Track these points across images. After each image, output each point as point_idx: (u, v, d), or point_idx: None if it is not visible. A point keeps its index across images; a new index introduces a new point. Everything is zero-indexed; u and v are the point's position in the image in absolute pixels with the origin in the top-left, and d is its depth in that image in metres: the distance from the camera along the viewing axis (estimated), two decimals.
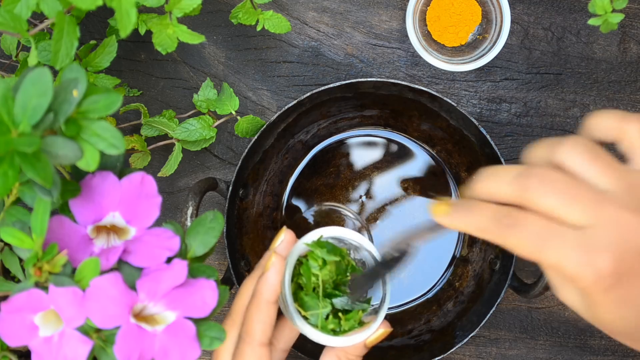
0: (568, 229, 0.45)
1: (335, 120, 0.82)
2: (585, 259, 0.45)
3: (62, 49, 0.57)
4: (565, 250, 0.45)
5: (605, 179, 0.46)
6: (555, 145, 0.47)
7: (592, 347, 0.84)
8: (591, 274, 0.45)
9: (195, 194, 0.69)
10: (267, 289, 0.59)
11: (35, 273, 0.49)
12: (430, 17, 0.80)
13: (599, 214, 0.45)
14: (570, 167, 0.46)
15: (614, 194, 0.46)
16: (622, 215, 0.45)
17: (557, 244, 0.45)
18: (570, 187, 0.46)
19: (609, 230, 0.45)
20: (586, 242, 0.45)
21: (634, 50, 0.82)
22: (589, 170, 0.46)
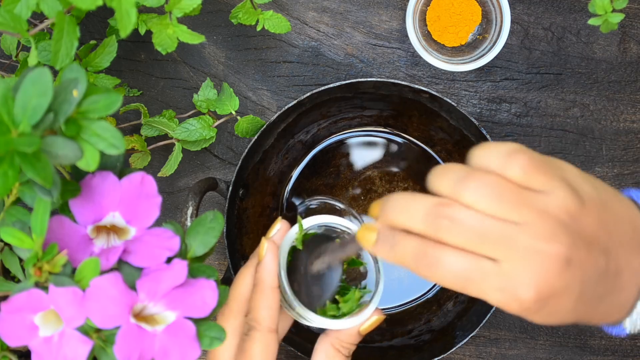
0: (487, 263, 0.47)
1: (335, 120, 0.82)
2: (508, 296, 0.47)
3: (62, 49, 0.57)
4: (487, 286, 0.47)
5: (515, 214, 0.47)
6: (461, 182, 0.48)
7: (592, 347, 0.84)
8: (516, 306, 0.47)
9: (195, 194, 0.69)
10: (268, 274, 0.60)
11: (35, 273, 0.49)
12: (430, 17, 0.80)
13: (512, 248, 0.46)
14: (480, 207, 0.47)
15: (525, 225, 0.47)
16: (535, 246, 0.46)
17: (478, 281, 0.47)
18: (480, 226, 0.47)
19: (525, 262, 0.46)
20: (505, 277, 0.47)
21: (634, 50, 0.82)
22: (497, 209, 0.47)
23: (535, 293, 0.47)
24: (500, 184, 0.47)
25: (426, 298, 0.83)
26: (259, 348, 0.59)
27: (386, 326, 0.83)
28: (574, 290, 0.48)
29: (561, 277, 0.47)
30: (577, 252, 0.47)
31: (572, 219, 0.48)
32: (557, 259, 0.47)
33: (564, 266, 0.47)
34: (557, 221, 0.47)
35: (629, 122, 0.82)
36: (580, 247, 0.47)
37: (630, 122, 0.82)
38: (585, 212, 0.48)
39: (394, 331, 0.82)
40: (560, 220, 0.47)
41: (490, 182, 0.47)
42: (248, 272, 0.62)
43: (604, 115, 0.83)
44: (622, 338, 0.83)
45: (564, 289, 0.47)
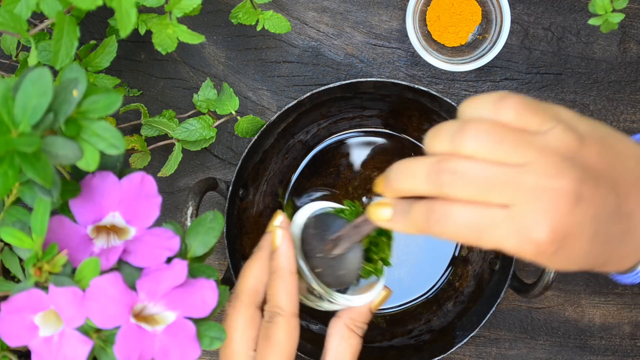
0: (496, 211, 0.46)
1: (335, 120, 0.82)
2: (522, 239, 0.46)
3: (62, 49, 0.57)
4: (501, 233, 0.46)
5: (517, 155, 0.46)
6: (457, 135, 0.47)
7: (592, 347, 0.84)
8: (532, 249, 0.46)
9: (195, 194, 0.69)
10: (286, 260, 0.60)
11: (35, 273, 0.49)
12: (430, 17, 0.80)
13: (519, 190, 0.46)
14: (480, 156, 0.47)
15: (529, 165, 0.46)
16: (543, 184, 0.45)
17: (490, 230, 0.46)
18: (484, 174, 0.46)
19: (535, 203, 0.45)
20: (517, 221, 0.46)
21: (634, 50, 0.82)
22: (498, 154, 0.46)
23: (549, 232, 0.45)
24: (496, 128, 0.47)
25: (426, 298, 0.83)
26: (284, 333, 0.59)
27: (386, 326, 0.83)
28: (588, 227, 0.46)
29: (573, 213, 0.46)
30: (586, 186, 0.46)
31: (575, 154, 0.47)
32: (567, 194, 0.45)
33: (574, 202, 0.45)
34: (560, 157, 0.46)
35: (629, 122, 0.82)
36: (588, 182, 0.46)
37: (630, 122, 0.82)
38: (586, 147, 0.47)
39: (394, 331, 0.82)
40: (563, 155, 0.46)
41: (486, 129, 0.47)
42: (255, 264, 0.62)
43: (604, 115, 0.83)
44: (621, 338, 0.83)
45: (578, 226, 0.46)
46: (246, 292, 0.61)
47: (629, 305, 0.84)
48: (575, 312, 0.84)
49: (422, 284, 0.83)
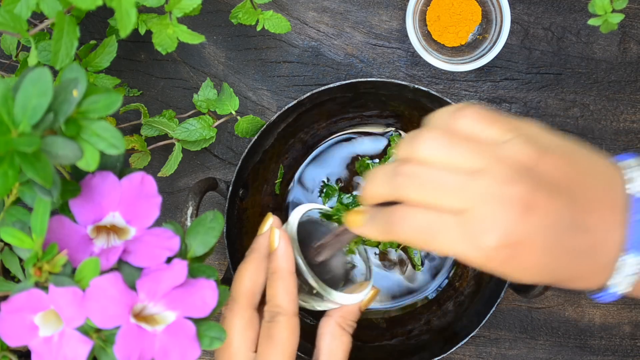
0: (448, 217, 0.47)
1: (336, 120, 0.82)
2: (470, 245, 0.46)
3: (62, 49, 0.57)
4: (451, 238, 0.47)
5: (470, 161, 0.47)
6: (414, 141, 0.49)
7: (592, 347, 0.84)
8: (481, 256, 0.47)
9: (196, 194, 0.69)
10: (285, 261, 0.60)
11: (35, 273, 0.49)
12: (430, 17, 0.80)
13: (471, 195, 0.46)
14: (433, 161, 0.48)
15: (481, 172, 0.46)
16: (494, 191, 0.46)
17: (442, 234, 0.47)
18: (435, 177, 0.47)
19: (485, 209, 0.46)
20: (467, 226, 0.46)
21: (634, 50, 0.82)
22: (451, 159, 0.47)
23: (497, 239, 0.46)
24: (449, 134, 0.48)
25: (427, 298, 0.83)
26: (286, 332, 0.60)
27: (386, 326, 0.83)
28: (541, 238, 0.47)
29: (524, 221, 0.46)
30: (540, 196, 0.46)
31: (533, 165, 0.47)
32: (518, 202, 0.46)
33: (525, 210, 0.46)
34: (515, 166, 0.46)
35: (629, 122, 0.82)
36: (543, 192, 0.46)
37: (630, 122, 0.82)
38: (546, 160, 0.47)
39: (394, 331, 0.82)
40: (518, 164, 0.47)
41: (438, 135, 0.48)
42: (250, 266, 0.62)
43: (603, 115, 0.83)
44: (621, 338, 0.83)
45: (528, 235, 0.46)
46: (243, 294, 0.61)
47: (629, 305, 0.84)
48: (575, 312, 0.84)
49: (423, 284, 0.83)
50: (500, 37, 0.78)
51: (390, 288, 0.83)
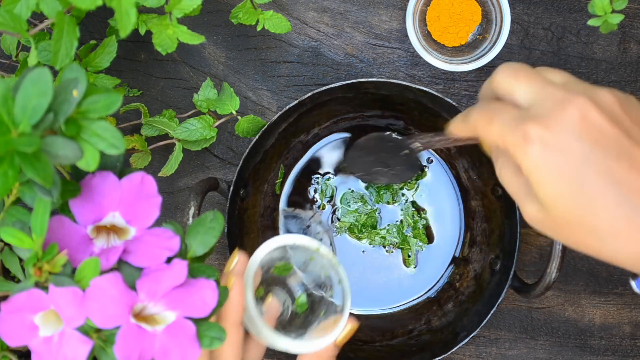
0: (514, 108, 0.52)
1: (336, 121, 0.82)
2: (517, 125, 0.50)
3: (61, 49, 0.57)
4: (505, 121, 0.51)
5: (558, 84, 0.51)
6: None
7: (592, 347, 0.84)
8: (519, 137, 0.50)
9: (197, 193, 0.69)
10: (233, 312, 0.58)
11: (35, 273, 0.49)
12: (430, 17, 0.80)
13: (540, 93, 0.51)
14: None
15: (560, 84, 0.51)
16: (563, 95, 0.50)
17: (500, 118, 0.52)
18: (523, 72, 0.53)
19: (545, 102, 0.50)
20: (522, 114, 0.51)
21: (634, 50, 0.82)
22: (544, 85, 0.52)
23: (540, 130, 0.49)
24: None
25: (427, 298, 0.83)
26: None
27: (387, 326, 0.83)
28: (581, 148, 0.48)
29: (575, 122, 0.48)
30: (598, 114, 0.49)
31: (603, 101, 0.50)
32: (576, 109, 0.49)
33: (579, 117, 0.49)
34: (588, 92, 0.50)
35: None
36: (602, 113, 0.49)
37: None
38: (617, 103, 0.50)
39: (395, 331, 0.82)
40: (591, 94, 0.50)
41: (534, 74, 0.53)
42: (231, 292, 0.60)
43: None
44: (621, 338, 0.83)
45: (571, 142, 0.48)
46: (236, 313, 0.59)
47: (629, 305, 0.84)
48: (575, 312, 0.84)
49: (423, 284, 0.83)
50: (500, 37, 0.78)
51: (390, 288, 0.83)
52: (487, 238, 0.82)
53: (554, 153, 0.49)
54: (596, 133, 0.49)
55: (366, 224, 0.83)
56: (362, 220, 0.83)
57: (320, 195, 0.83)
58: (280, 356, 0.84)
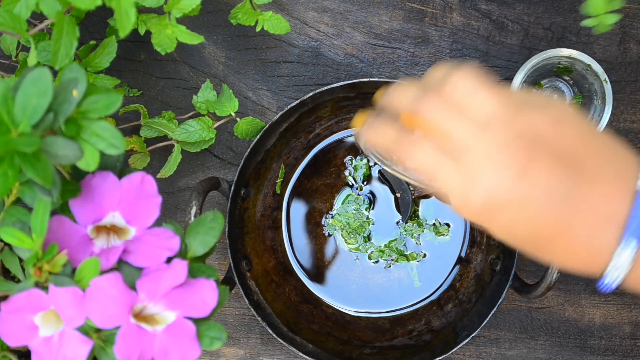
0: (448, 164, 0.49)
1: (337, 120, 0.82)
2: (463, 196, 0.49)
3: (61, 49, 0.57)
4: (446, 186, 0.50)
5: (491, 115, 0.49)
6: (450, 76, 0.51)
7: (592, 347, 0.84)
8: (469, 210, 0.49)
9: (199, 193, 0.69)
10: None
11: (35, 273, 0.49)
12: None
13: (476, 147, 0.48)
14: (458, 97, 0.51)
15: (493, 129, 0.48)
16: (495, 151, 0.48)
17: (443, 175, 0.50)
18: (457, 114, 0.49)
19: (483, 165, 0.48)
20: (464, 178, 0.49)
21: (634, 50, 0.82)
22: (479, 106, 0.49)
23: (485, 197, 0.48)
24: (481, 81, 0.50)
25: (427, 299, 0.83)
26: None
27: (387, 326, 0.83)
28: (530, 201, 0.48)
29: (514, 184, 0.47)
30: (538, 162, 0.47)
31: (543, 131, 0.48)
32: (513, 166, 0.47)
33: (519, 173, 0.47)
34: (523, 130, 0.48)
35: (629, 122, 0.82)
36: (542, 158, 0.48)
37: (630, 122, 0.82)
38: (558, 129, 0.49)
39: (395, 331, 0.82)
40: (528, 130, 0.48)
41: (471, 77, 0.50)
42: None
43: None
44: (621, 338, 0.83)
45: (516, 198, 0.48)
46: None
47: (629, 305, 0.84)
48: (575, 312, 0.84)
49: (423, 285, 0.83)
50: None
51: (391, 288, 0.83)
52: (487, 238, 0.82)
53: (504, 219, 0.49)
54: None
55: (357, 231, 0.83)
56: (354, 225, 0.83)
57: (354, 177, 0.83)
58: (280, 356, 0.85)
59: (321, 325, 0.82)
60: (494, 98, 0.49)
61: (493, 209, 0.48)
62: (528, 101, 0.50)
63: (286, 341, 0.77)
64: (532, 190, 0.47)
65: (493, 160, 0.48)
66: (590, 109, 0.78)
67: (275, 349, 0.85)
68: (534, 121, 0.49)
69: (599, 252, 0.49)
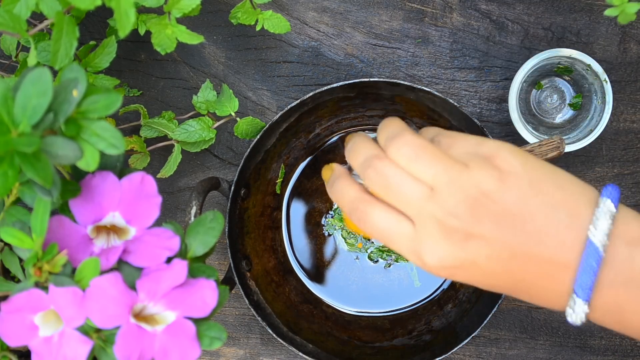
0: (403, 226, 0.51)
1: (337, 120, 0.82)
2: (417, 259, 0.51)
3: (61, 49, 0.57)
4: (402, 248, 0.51)
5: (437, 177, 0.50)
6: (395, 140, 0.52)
7: (592, 347, 0.83)
8: (426, 269, 0.51)
9: (199, 193, 0.69)
10: None
11: (35, 273, 0.49)
12: None
13: (423, 214, 0.50)
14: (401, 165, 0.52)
15: (439, 193, 0.49)
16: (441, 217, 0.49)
17: (395, 242, 0.51)
18: (400, 184, 0.51)
19: (430, 231, 0.49)
20: (415, 242, 0.50)
21: (634, 50, 0.82)
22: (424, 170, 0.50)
23: (437, 261, 0.49)
24: (423, 145, 0.51)
25: (427, 299, 0.83)
26: None
27: (387, 326, 0.83)
28: (479, 263, 0.49)
29: (461, 249, 0.49)
30: (482, 226, 0.49)
31: (489, 190, 0.49)
32: (457, 231, 0.49)
33: (464, 239, 0.49)
34: (467, 192, 0.49)
35: (629, 122, 0.82)
36: (486, 222, 0.49)
37: (630, 122, 0.82)
38: (504, 186, 0.49)
39: (395, 331, 0.82)
40: (472, 190, 0.49)
41: (413, 142, 0.51)
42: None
43: None
44: (621, 338, 0.83)
45: (466, 260, 0.49)
46: None
47: None
48: None
49: (423, 285, 0.83)
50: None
51: (391, 288, 0.83)
52: None
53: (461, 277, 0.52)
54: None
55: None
56: None
57: None
58: (280, 356, 0.85)
59: (321, 325, 0.82)
60: (437, 162, 0.50)
61: (447, 271, 0.50)
62: (474, 153, 0.51)
63: (286, 341, 0.77)
64: (477, 255, 0.49)
65: (439, 227, 0.49)
66: (590, 109, 0.78)
67: (275, 349, 0.85)
68: (478, 179, 0.49)
69: (558, 297, 0.50)
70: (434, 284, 0.83)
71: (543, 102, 0.82)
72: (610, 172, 0.82)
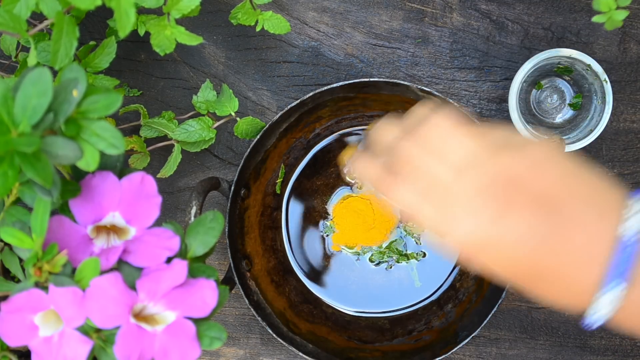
0: (427, 207, 0.51)
1: (337, 120, 0.82)
2: (445, 234, 0.50)
3: (61, 49, 0.57)
4: (427, 226, 0.51)
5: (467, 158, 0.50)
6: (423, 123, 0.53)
7: (592, 347, 0.83)
8: (453, 245, 0.51)
9: (199, 193, 0.69)
10: None
11: (35, 273, 0.49)
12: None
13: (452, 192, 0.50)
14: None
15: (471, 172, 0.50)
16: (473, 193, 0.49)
17: (420, 219, 0.51)
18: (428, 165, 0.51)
19: (460, 208, 0.49)
20: (444, 218, 0.50)
21: (634, 50, 0.82)
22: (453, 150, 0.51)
23: (464, 235, 0.49)
24: (455, 125, 0.51)
25: (427, 299, 0.83)
26: None
27: (387, 326, 0.83)
28: (507, 242, 0.48)
29: (493, 227, 0.48)
30: (515, 205, 0.48)
31: (521, 174, 0.49)
32: (490, 208, 0.48)
33: (496, 216, 0.48)
34: (501, 172, 0.49)
35: (629, 122, 0.82)
36: (519, 201, 0.48)
37: (630, 122, 0.82)
38: (536, 173, 0.49)
39: (395, 331, 0.82)
40: (505, 172, 0.49)
41: (443, 121, 0.51)
42: None
43: None
44: (621, 338, 0.83)
45: (494, 238, 0.48)
46: None
47: None
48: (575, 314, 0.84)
49: (423, 285, 0.83)
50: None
51: (391, 289, 0.83)
52: None
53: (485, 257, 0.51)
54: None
55: None
56: None
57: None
58: (280, 356, 0.85)
59: (321, 325, 0.82)
60: (469, 141, 0.50)
61: (472, 250, 0.50)
62: (506, 142, 0.51)
63: (286, 341, 0.77)
64: (508, 234, 0.48)
65: (469, 204, 0.49)
66: (590, 109, 0.78)
67: (275, 349, 0.85)
68: (509, 164, 0.49)
69: (582, 292, 0.49)
70: (434, 284, 0.83)
71: (543, 102, 0.82)
72: (610, 172, 0.83)
